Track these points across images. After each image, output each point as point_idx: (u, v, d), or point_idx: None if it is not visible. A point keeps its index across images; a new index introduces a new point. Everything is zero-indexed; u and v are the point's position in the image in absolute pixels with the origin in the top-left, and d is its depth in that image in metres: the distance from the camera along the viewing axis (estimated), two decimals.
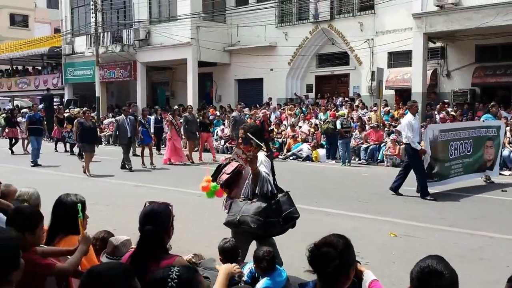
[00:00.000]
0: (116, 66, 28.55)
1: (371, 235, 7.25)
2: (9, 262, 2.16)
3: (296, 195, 10.57)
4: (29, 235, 3.03)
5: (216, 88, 27.78)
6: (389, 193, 10.96)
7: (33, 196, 3.98)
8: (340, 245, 2.33)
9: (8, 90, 36.68)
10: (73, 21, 31.26)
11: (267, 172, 4.54)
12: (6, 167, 14.95)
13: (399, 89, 20.66)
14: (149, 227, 2.86)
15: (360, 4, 21.75)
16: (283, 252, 4.42)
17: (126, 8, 28.12)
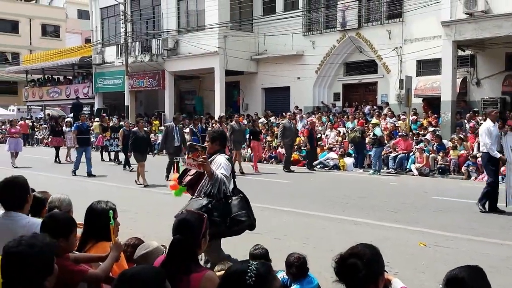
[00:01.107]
0: (145, 76, 28.94)
1: (400, 245, 7.16)
2: (44, 268, 2.21)
3: (323, 203, 10.61)
4: (63, 241, 3.07)
5: (243, 97, 27.90)
6: (418, 202, 10.83)
7: (64, 202, 4.03)
8: (367, 255, 2.30)
9: (40, 99, 37.37)
10: (103, 32, 31.85)
11: (226, 175, 4.76)
12: (52, 177, 14.99)
13: (428, 97, 20.40)
14: (178, 236, 2.82)
15: (388, 12, 21.61)
16: (310, 262, 4.41)
17: (155, 18, 28.54)
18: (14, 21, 49.07)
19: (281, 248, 6.34)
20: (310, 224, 8.74)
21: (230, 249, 6.14)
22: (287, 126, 16.77)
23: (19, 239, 2.24)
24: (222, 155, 5.02)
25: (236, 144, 16.29)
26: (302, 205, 10.34)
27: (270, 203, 10.59)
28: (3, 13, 47.94)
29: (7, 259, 2.19)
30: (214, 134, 5.19)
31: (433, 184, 14.01)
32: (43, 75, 38.12)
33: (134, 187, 13.25)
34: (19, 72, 41.10)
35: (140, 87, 29.77)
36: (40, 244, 2.22)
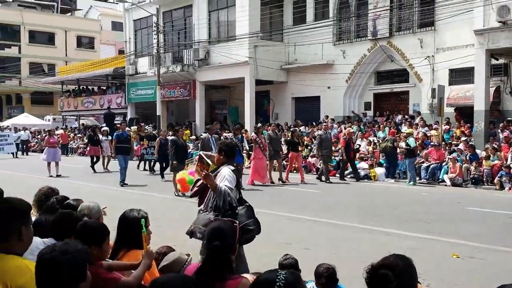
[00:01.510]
0: (176, 86, 29.30)
1: (433, 256, 7.04)
2: (77, 274, 2.25)
3: (354, 214, 10.51)
4: (95, 249, 3.13)
5: (273, 106, 27.95)
6: (452, 213, 10.64)
7: (94, 210, 4.08)
8: (399, 267, 2.25)
9: (75, 109, 38.18)
10: (136, 43, 32.41)
11: (230, 187, 4.80)
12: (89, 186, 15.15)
13: (460, 106, 20.05)
14: (216, 242, 2.87)
15: (420, 20, 21.38)
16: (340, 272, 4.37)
17: (186, 29, 28.91)
18: (51, 33, 50.48)
19: (310, 258, 6.32)
20: (341, 234, 8.69)
21: (259, 258, 6.16)
22: (324, 137, 16.44)
23: (53, 246, 2.29)
24: (227, 166, 5.05)
25: (274, 153, 16.03)
26: (332, 215, 10.28)
27: (299, 213, 10.57)
28: (40, 26, 49.44)
29: (41, 266, 2.24)
30: (221, 146, 5.28)
31: (466, 194, 13.75)
32: (78, 86, 38.94)
33: (164, 195, 13.39)
34: (55, 83, 42.07)
35: (172, 97, 30.15)
36: (73, 251, 2.26)
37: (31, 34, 49.73)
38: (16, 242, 2.61)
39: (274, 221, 9.96)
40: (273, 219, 10.14)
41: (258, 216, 5.19)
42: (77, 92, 38.92)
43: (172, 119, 32.92)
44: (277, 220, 10.06)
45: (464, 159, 15.90)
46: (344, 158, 16.91)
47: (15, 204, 2.68)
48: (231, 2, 26.00)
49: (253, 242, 7.80)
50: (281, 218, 10.19)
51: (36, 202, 4.68)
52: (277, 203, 11.93)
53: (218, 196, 4.77)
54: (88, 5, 58.23)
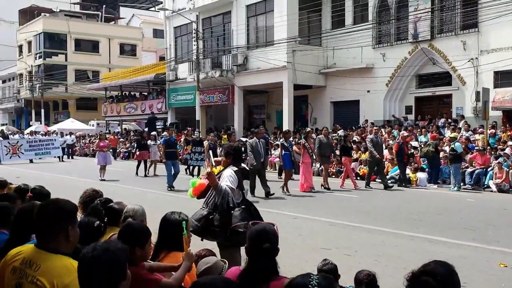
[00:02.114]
0: (215, 91, 29.56)
1: (479, 264, 6.81)
2: (118, 272, 2.29)
3: (396, 220, 10.31)
4: (139, 250, 3.18)
5: (312, 111, 27.81)
6: (498, 220, 10.30)
7: (138, 213, 4.15)
8: (441, 274, 2.18)
9: (117, 114, 39.17)
10: (177, 49, 32.88)
11: (231, 187, 5.00)
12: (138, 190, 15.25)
13: (507, 110, 19.43)
14: (267, 245, 2.89)
15: (462, 22, 20.87)
16: (381, 280, 4.28)
17: (225, 35, 29.16)
18: (95, 41, 52.06)
19: (351, 264, 6.23)
20: (382, 241, 8.52)
21: (297, 263, 6.11)
22: (375, 141, 15.88)
23: (94, 245, 2.35)
24: (231, 167, 5.27)
25: (324, 158, 15.63)
26: (373, 221, 10.11)
27: (339, 218, 10.45)
28: (85, 34, 51.07)
29: (83, 264, 2.30)
30: (228, 149, 5.53)
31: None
32: (121, 92, 39.96)
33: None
34: (98, 89, 43.28)
35: (211, 102, 30.44)
36: (113, 249, 2.31)
37: (76, 42, 51.41)
38: (64, 242, 2.69)
39: (313, 226, 9.89)
40: (312, 224, 10.07)
41: (296, 220, 5.16)
42: (120, 98, 39.88)
43: (211, 123, 33.23)
44: (316, 225, 9.98)
45: (511, 164, 15.37)
46: (395, 163, 16.37)
47: (62, 205, 2.77)
48: (269, 8, 26.08)
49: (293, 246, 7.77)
50: (321, 224, 10.10)
51: (81, 204, 4.85)
52: (316, 209, 11.82)
53: (218, 194, 5.01)
54: (131, 14, 59.63)
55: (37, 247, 2.70)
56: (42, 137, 31.53)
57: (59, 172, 21.49)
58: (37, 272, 2.58)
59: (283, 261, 5.73)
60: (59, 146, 30.10)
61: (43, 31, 49.95)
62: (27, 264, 2.64)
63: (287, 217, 10.77)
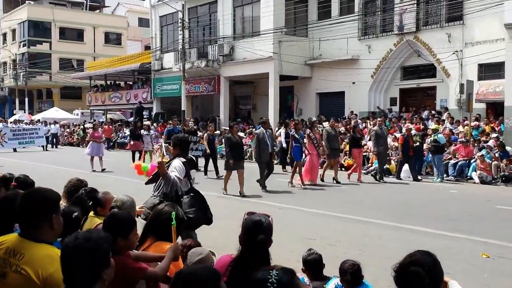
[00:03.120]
0: (201, 81, 29.45)
1: (462, 255, 6.91)
2: (101, 260, 2.30)
3: (380, 211, 10.39)
4: (121, 241, 3.17)
5: (297, 102, 27.85)
6: (481, 211, 10.44)
7: (126, 204, 4.14)
8: (428, 263, 2.23)
9: (102, 103, 38.90)
10: (162, 39, 32.71)
11: (178, 177, 5.39)
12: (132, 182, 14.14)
13: (490, 102, 19.64)
14: (262, 236, 2.89)
15: (448, 15, 20.99)
16: (365, 269, 4.32)
17: (211, 25, 29.01)
18: (80, 29, 51.63)
19: (335, 254, 6.27)
20: (366, 231, 8.59)
21: (285, 254, 6.13)
22: (380, 133, 15.29)
23: (76, 234, 2.35)
24: (179, 158, 5.64)
25: (332, 151, 14.85)
26: (359, 212, 10.19)
27: (325, 209, 10.51)
28: (70, 23, 50.56)
29: (66, 253, 2.29)
30: (175, 140, 5.94)
31: (497, 192, 13.44)
32: (105, 81, 39.64)
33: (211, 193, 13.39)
34: (83, 78, 43.02)
35: (196, 92, 30.33)
36: (96, 238, 2.32)
37: (61, 30, 50.95)
38: (48, 231, 2.70)
39: (299, 217, 9.93)
40: (298, 215, 10.12)
41: (282, 211, 5.19)
42: (105, 87, 39.63)
43: (196, 113, 33.14)
44: (302, 216, 10.03)
45: (494, 156, 15.57)
46: (400, 157, 15.71)
47: (46, 194, 2.78)
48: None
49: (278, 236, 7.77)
50: (307, 214, 10.15)
51: (65, 193, 4.84)
52: (303, 200, 11.87)
53: (166, 183, 5.34)
54: (116, 2, 59.07)
55: (21, 236, 2.69)
56: (26, 126, 31.15)
57: (45, 162, 21.24)
58: (21, 261, 2.58)
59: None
60: (43, 135, 29.80)
61: (28, 19, 49.34)
62: (11, 253, 2.63)
63: (272, 207, 10.80)
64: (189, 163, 5.75)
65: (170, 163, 5.61)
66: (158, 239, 3.58)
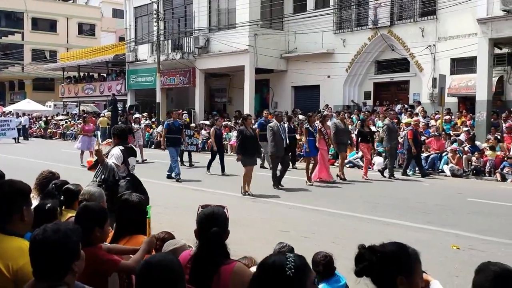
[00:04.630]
0: (176, 73, 29.23)
1: (433, 247, 7.01)
2: (71, 252, 2.29)
3: (354, 203, 10.49)
4: (98, 231, 3.17)
5: (273, 95, 27.87)
6: (452, 204, 10.63)
7: (94, 195, 4.08)
8: (385, 252, 2.23)
9: (75, 95, 38.40)
10: (137, 30, 32.32)
11: (116, 163, 5.91)
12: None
13: (462, 96, 19.98)
14: (216, 229, 2.84)
15: (421, 9, 21.23)
16: (338, 261, 4.35)
17: (186, 17, 28.77)
18: (53, 20, 50.80)
19: (309, 246, 6.31)
20: (340, 223, 8.68)
21: (258, 246, 6.15)
22: (391, 127, 14.75)
23: (44, 227, 2.32)
24: (118, 147, 6.15)
25: (341, 146, 14.21)
26: (333, 205, 10.27)
27: (302, 202, 10.57)
28: (43, 13, 49.65)
29: (35, 246, 2.27)
30: (114, 130, 6.54)
31: (467, 185, 13.71)
32: (79, 72, 39.09)
33: (167, 182, 13.35)
34: (56, 69, 42.29)
35: (171, 85, 30.10)
36: (65, 229, 2.30)
37: (33, 21, 50.16)
38: (18, 223, 2.68)
39: (274, 209, 9.96)
40: (273, 207, 10.15)
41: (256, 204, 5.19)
42: (78, 79, 39.11)
43: (172, 106, 32.79)
44: (277, 208, 10.06)
45: (464, 150, 15.86)
46: (414, 152, 14.97)
47: (16, 185, 2.76)
48: None
49: (252, 229, 7.82)
50: (282, 207, 10.19)
51: (37, 186, 4.76)
52: (279, 193, 11.89)
53: (105, 169, 5.85)
54: None
55: None
56: None
57: (17, 154, 20.84)
58: None
59: (242, 243, 5.77)
60: (15, 127, 29.27)
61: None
62: None
63: (248, 200, 10.82)
64: (127, 151, 6.23)
65: (111, 150, 6.16)
66: (133, 232, 3.57)
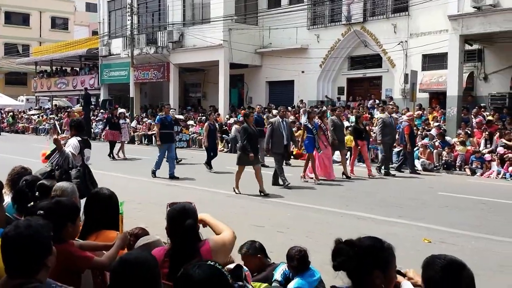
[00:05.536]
0: (150, 68, 28.99)
1: (405, 241, 7.13)
2: (43, 248, 2.28)
3: (327, 198, 10.57)
4: (71, 226, 3.15)
5: (247, 90, 27.88)
6: (423, 198, 10.81)
7: (66, 191, 4.03)
8: (362, 247, 2.27)
9: (48, 90, 37.87)
10: (110, 24, 31.91)
11: (73, 152, 6.30)
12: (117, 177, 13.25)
13: (433, 92, 20.31)
14: (190, 220, 2.95)
15: (394, 6, 21.48)
16: (312, 255, 4.41)
17: (161, 11, 28.52)
18: (26, 14, 49.98)
19: (283, 241, 6.36)
20: (314, 218, 8.75)
21: None
22: (388, 122, 14.37)
23: (15, 223, 2.31)
24: (75, 137, 6.55)
25: (339, 143, 13.67)
26: (306, 200, 10.34)
27: (275, 197, 10.60)
28: (16, 6, 48.88)
29: (6, 243, 2.25)
30: (71, 123, 7.16)
31: (438, 180, 13.95)
32: (51, 67, 38.59)
33: (143, 178, 13.25)
34: (28, 63, 41.71)
35: (145, 79, 29.84)
36: (36, 225, 2.29)
37: (6, 15, 49.34)
38: None
39: (248, 204, 9.98)
40: (247, 202, 10.17)
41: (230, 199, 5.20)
42: (51, 73, 38.56)
43: (145, 101, 32.69)
44: (251, 203, 10.08)
45: (435, 145, 16.14)
46: (409, 148, 14.75)
47: None
48: None
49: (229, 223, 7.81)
50: (255, 201, 10.22)
51: (9, 182, 4.70)
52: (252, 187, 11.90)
53: (61, 156, 6.18)
54: None
55: None
56: None
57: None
58: None
59: None
60: None
61: None
62: None
63: (221, 195, 10.82)
64: (84, 142, 6.62)
65: (67, 141, 6.56)
66: (103, 228, 3.54)
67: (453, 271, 2.22)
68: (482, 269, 4.99)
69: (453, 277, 2.21)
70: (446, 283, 2.20)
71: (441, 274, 2.21)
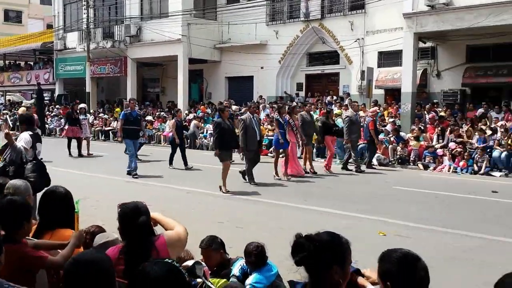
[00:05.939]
0: (107, 62, 28.44)
1: (361, 234, 7.27)
2: None
3: (285, 193, 10.65)
4: (26, 225, 3.09)
5: (207, 85, 27.76)
6: (379, 192, 11.05)
7: (19, 189, 3.95)
8: (321, 241, 2.28)
9: (1, 84, 36.66)
10: (66, 17, 31.11)
11: (25, 147, 6.35)
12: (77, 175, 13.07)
13: (389, 88, 20.76)
14: (144, 217, 2.97)
15: (351, 3, 21.80)
16: (270, 250, 4.45)
17: (117, 4, 28.01)
18: None
19: (241, 237, 6.39)
20: (272, 213, 8.82)
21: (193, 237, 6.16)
22: (354, 119, 14.33)
23: None
24: (27, 132, 6.61)
25: (307, 139, 13.61)
26: (268, 195, 10.40)
27: (237, 193, 10.61)
28: None
29: None
30: (21, 118, 7.31)
31: (393, 174, 14.27)
32: (4, 61, 37.44)
33: (102, 175, 13.02)
34: None
35: (102, 74, 29.26)
36: None
37: None
38: None
39: (208, 200, 9.97)
40: (207, 198, 10.15)
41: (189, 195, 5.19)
42: (4, 68, 37.38)
43: (102, 96, 32.05)
44: (210, 199, 10.07)
45: (390, 140, 16.51)
46: (377, 142, 15.15)
47: None
48: None
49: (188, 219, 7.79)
50: (216, 198, 10.22)
51: None
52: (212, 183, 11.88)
53: (13, 151, 6.21)
54: None
55: None
56: None
57: None
58: None
59: None
60: None
61: None
62: None
63: (180, 191, 10.77)
64: (35, 136, 6.68)
65: (20, 135, 6.61)
66: (57, 226, 3.47)
67: (408, 264, 2.29)
68: (435, 261, 5.15)
69: (408, 269, 2.27)
70: (402, 276, 2.26)
71: (397, 267, 2.28)
